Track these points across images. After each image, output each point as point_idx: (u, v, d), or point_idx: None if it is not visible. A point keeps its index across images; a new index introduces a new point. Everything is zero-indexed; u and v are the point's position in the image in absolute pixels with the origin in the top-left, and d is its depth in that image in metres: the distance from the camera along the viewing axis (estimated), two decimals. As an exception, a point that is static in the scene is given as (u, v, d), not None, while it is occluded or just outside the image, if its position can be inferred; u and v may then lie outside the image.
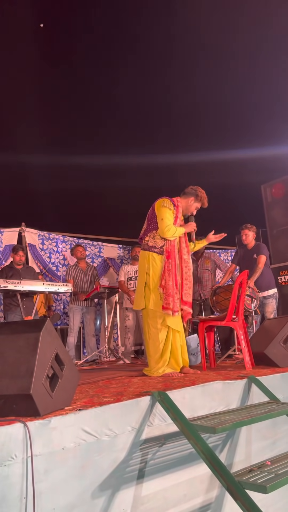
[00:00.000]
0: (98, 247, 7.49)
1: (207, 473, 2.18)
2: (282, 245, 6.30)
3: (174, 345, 3.33)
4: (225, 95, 11.48)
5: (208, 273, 5.62)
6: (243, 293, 3.68)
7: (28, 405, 1.72)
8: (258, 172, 9.22)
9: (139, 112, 11.80)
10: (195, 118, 11.62)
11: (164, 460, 2.12)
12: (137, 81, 11.71)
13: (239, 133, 11.42)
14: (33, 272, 5.52)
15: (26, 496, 1.59)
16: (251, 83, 11.47)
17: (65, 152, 11.30)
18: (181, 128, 11.95)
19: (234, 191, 10.96)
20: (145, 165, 11.37)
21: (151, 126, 12.04)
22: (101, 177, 11.39)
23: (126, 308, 5.71)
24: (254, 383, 2.67)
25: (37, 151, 10.74)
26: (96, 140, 11.76)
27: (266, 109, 11.05)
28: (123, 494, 1.93)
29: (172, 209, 3.48)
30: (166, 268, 3.35)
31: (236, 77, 11.43)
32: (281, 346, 3.42)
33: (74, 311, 5.72)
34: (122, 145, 11.52)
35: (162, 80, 11.74)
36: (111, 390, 2.47)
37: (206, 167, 10.90)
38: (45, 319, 1.93)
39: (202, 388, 2.40)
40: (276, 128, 10.69)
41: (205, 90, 11.62)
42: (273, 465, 1.87)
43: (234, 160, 11.14)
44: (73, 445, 1.76)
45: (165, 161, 11.37)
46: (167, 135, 12.19)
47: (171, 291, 3.29)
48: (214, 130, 11.67)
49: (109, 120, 12.09)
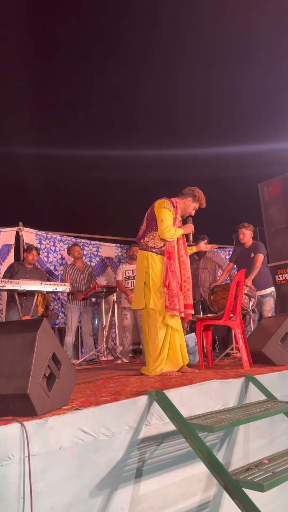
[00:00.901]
0: (96, 247, 7.48)
1: (205, 471, 2.18)
2: (280, 243, 6.30)
3: (173, 344, 3.33)
4: (222, 92, 11.47)
5: (207, 273, 5.63)
6: (241, 291, 3.68)
7: (25, 405, 1.71)
8: (256, 171, 9.22)
9: (138, 107, 11.76)
10: (192, 114, 11.61)
11: (161, 459, 2.12)
12: (130, 74, 11.67)
13: (236, 130, 11.42)
14: (40, 274, 5.54)
15: (23, 496, 1.59)
16: (248, 80, 11.47)
17: (63, 150, 11.27)
18: (178, 125, 11.94)
19: (231, 190, 10.96)
20: (143, 162, 11.36)
21: (148, 121, 12.00)
22: (98, 176, 11.36)
23: (124, 308, 5.71)
24: (252, 381, 2.67)
25: (34, 149, 10.72)
26: (93, 137, 11.74)
27: (265, 106, 11.05)
28: (121, 493, 1.93)
29: (172, 210, 3.49)
30: (169, 269, 3.35)
31: (233, 73, 11.43)
32: (279, 344, 3.43)
33: (71, 310, 5.72)
34: (121, 141, 11.49)
35: (159, 75, 11.73)
36: (109, 389, 2.47)
37: (203, 164, 10.90)
38: (42, 319, 1.93)
39: (199, 387, 2.40)
40: (275, 125, 10.70)
41: (201, 87, 11.61)
42: (271, 464, 1.87)
43: (232, 158, 11.14)
44: (71, 445, 1.76)
45: (163, 157, 11.37)
46: (164, 131, 12.16)
47: (175, 292, 3.30)
48: (211, 127, 11.66)
49: (105, 115, 12.06)
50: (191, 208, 3.63)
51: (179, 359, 3.31)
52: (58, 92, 11.44)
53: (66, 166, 11.28)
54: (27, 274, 5.26)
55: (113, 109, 12.06)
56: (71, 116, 11.79)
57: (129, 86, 11.62)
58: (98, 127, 11.92)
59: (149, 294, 3.35)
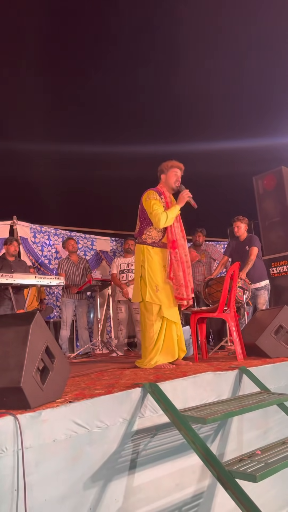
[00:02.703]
0: (90, 240, 7.46)
1: (198, 463, 2.20)
2: (274, 236, 6.32)
3: (169, 335, 3.33)
4: (218, 86, 11.44)
5: (201, 267, 5.64)
6: (235, 284, 3.69)
7: (18, 398, 1.71)
8: (250, 164, 9.22)
9: (132, 102, 11.73)
10: (187, 109, 11.58)
11: (156, 451, 2.13)
12: (128, 70, 11.62)
13: (230, 124, 11.40)
14: (24, 266, 5.49)
15: (17, 488, 1.60)
16: (244, 73, 11.44)
17: (58, 143, 11.21)
18: (173, 119, 11.92)
19: (225, 183, 10.96)
20: (137, 155, 11.32)
21: (144, 116, 11.97)
22: (93, 169, 11.32)
23: (118, 301, 5.70)
24: (245, 374, 2.69)
25: (30, 142, 10.65)
26: (89, 131, 11.68)
27: (259, 99, 11.03)
28: (115, 485, 1.94)
29: (159, 198, 3.43)
30: (174, 259, 3.33)
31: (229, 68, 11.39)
32: (272, 337, 3.44)
33: (66, 304, 5.71)
34: (114, 135, 11.46)
35: (156, 70, 11.68)
36: (103, 382, 2.47)
37: (198, 158, 10.88)
38: (35, 312, 1.92)
39: (193, 379, 2.41)
40: (269, 119, 10.69)
41: (196, 81, 11.57)
42: (263, 454, 1.89)
43: (226, 151, 11.13)
44: (64, 437, 1.76)
45: (157, 152, 11.34)
46: (159, 125, 12.13)
47: (182, 281, 3.30)
48: (206, 120, 11.64)
49: (101, 111, 12.00)
50: (171, 179, 3.49)
51: (174, 351, 3.31)
52: (60, 87, 11.40)
53: (61, 160, 11.23)
54: (12, 267, 5.17)
55: (105, 106, 12.02)
56: (65, 111, 11.73)
57: (113, 86, 11.60)
58: (96, 123, 11.89)
59: (145, 287, 3.34)
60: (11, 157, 10.57)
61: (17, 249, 5.40)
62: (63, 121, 11.52)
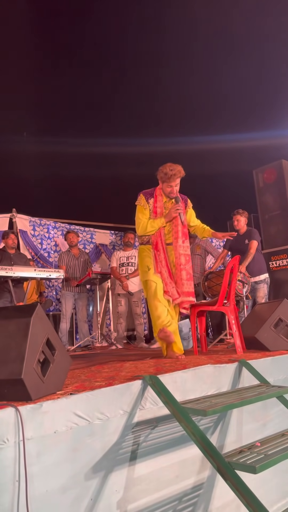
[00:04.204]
0: (90, 233, 7.45)
1: (198, 454, 2.21)
2: (274, 230, 6.32)
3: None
4: (218, 82, 11.39)
5: (199, 259, 5.63)
6: (234, 278, 3.69)
7: (19, 390, 1.72)
8: (250, 158, 9.20)
9: (132, 99, 11.68)
10: (186, 104, 11.53)
11: (156, 443, 2.15)
12: (127, 68, 11.56)
13: (231, 118, 11.35)
14: (25, 259, 5.49)
15: (18, 479, 1.60)
16: (243, 68, 11.38)
17: (56, 137, 11.17)
18: (172, 115, 11.88)
19: (225, 177, 10.93)
20: (136, 151, 11.30)
21: (143, 113, 11.92)
22: (92, 163, 11.29)
23: (118, 294, 5.71)
24: (245, 366, 2.70)
25: (27, 136, 10.62)
26: (86, 125, 11.63)
27: (259, 95, 11.00)
28: (116, 476, 1.95)
29: (143, 203, 3.43)
30: (157, 259, 3.38)
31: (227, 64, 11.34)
32: (272, 330, 3.45)
33: (66, 297, 5.71)
34: (113, 131, 11.42)
35: (155, 68, 11.61)
36: (103, 374, 2.48)
37: (198, 153, 10.85)
38: (36, 304, 1.92)
39: (193, 372, 2.41)
40: (269, 114, 10.65)
41: (196, 78, 11.52)
42: (263, 446, 1.90)
43: (226, 145, 11.09)
44: (65, 429, 1.77)
45: (156, 147, 11.31)
46: (158, 122, 12.08)
47: (167, 280, 3.35)
48: (206, 115, 11.60)
49: (99, 106, 11.95)
50: (165, 191, 3.44)
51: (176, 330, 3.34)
52: (59, 88, 11.35)
53: (60, 154, 11.19)
54: (12, 260, 5.18)
55: (109, 103, 11.98)
56: (64, 107, 11.68)
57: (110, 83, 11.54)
58: (97, 118, 11.84)
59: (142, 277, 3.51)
60: (9, 152, 10.54)
61: (15, 241, 5.41)
62: (59, 115, 11.49)
